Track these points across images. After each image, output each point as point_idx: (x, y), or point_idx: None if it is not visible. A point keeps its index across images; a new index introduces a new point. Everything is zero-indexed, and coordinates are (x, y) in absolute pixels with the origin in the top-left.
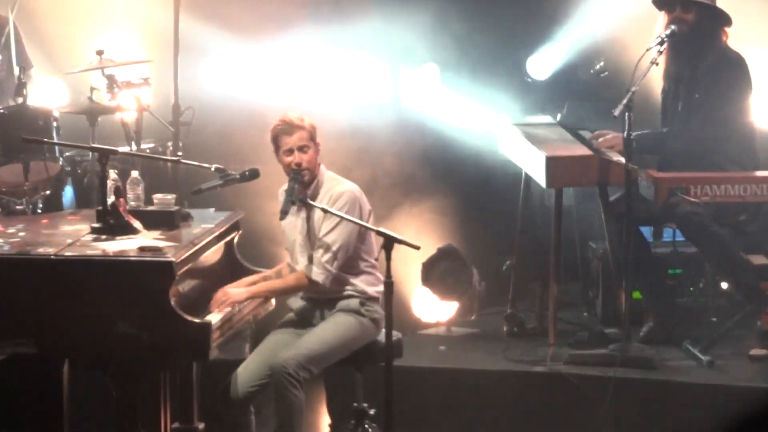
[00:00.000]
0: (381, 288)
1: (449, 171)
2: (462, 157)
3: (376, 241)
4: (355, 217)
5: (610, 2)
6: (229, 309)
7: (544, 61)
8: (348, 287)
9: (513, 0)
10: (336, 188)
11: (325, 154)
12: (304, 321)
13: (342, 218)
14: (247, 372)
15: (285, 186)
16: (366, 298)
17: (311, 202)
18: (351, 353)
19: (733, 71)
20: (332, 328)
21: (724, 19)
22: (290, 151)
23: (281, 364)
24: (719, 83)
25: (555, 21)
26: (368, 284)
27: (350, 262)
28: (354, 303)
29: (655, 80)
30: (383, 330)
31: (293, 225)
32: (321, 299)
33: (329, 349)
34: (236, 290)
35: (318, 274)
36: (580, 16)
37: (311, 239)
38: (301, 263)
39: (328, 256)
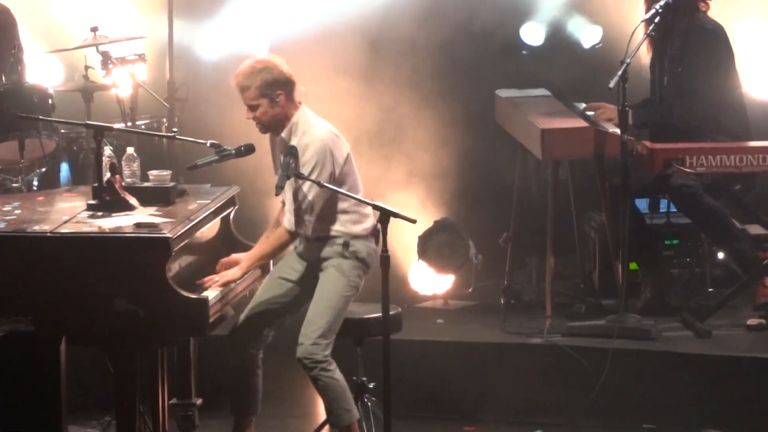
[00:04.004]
0: (368, 225)
1: (445, 143)
2: (458, 128)
3: (361, 180)
4: (327, 165)
5: None
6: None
7: (539, 32)
8: (331, 227)
9: None
10: (303, 140)
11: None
12: (300, 265)
13: (311, 168)
14: (253, 314)
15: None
16: (351, 237)
17: (305, 177)
18: (347, 319)
19: (707, 42)
20: (328, 292)
21: None
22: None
23: (306, 356)
24: (696, 56)
25: None
26: (353, 222)
27: (331, 204)
28: (337, 247)
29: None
30: (379, 303)
31: (276, 156)
32: (310, 238)
33: (335, 316)
34: (230, 271)
35: (294, 224)
36: None
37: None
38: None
39: (305, 204)
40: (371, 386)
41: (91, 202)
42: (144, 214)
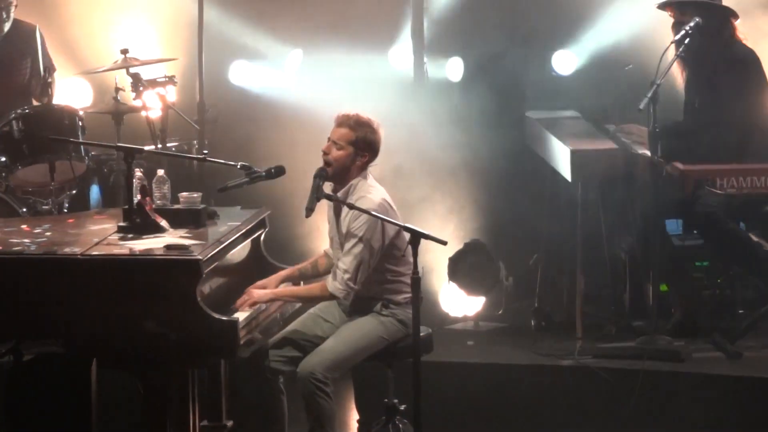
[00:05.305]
0: (408, 295)
1: (475, 165)
2: (488, 151)
3: (408, 253)
4: (377, 233)
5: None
6: (255, 306)
7: (570, 56)
8: (372, 293)
9: None
10: (359, 203)
11: None
12: (339, 314)
13: (361, 235)
14: (278, 342)
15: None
16: (390, 302)
17: (332, 195)
18: (378, 351)
19: (735, 71)
20: (356, 330)
21: (726, 13)
22: (328, 139)
23: (309, 371)
24: (725, 84)
25: (581, 16)
26: (394, 292)
27: (375, 273)
28: (376, 305)
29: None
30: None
31: (331, 218)
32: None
33: (354, 350)
34: (260, 291)
35: (339, 290)
36: (606, 11)
37: (340, 239)
38: (335, 258)
39: (348, 274)
40: (402, 408)
41: (122, 224)
42: (174, 237)
